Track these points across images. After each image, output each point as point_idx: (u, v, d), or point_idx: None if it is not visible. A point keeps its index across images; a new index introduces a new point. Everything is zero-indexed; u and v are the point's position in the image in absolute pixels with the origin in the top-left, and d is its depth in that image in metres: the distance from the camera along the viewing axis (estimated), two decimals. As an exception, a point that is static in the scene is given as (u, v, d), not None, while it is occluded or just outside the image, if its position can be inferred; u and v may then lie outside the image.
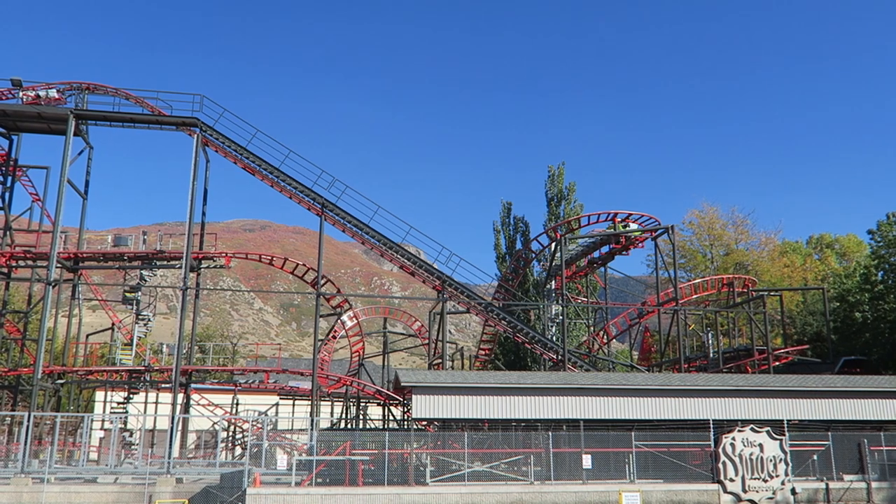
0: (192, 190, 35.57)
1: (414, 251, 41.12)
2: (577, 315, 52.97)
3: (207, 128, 36.69)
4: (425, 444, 28.96)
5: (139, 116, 37.07)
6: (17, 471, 28.95)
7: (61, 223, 35.14)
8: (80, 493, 27.49)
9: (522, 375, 31.88)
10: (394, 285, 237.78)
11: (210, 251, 40.73)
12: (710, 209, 67.00)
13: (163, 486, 27.86)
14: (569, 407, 28.31)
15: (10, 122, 37.92)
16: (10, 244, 40.34)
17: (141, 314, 38.50)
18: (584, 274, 49.73)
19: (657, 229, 42.43)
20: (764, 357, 41.63)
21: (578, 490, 26.48)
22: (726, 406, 29.10)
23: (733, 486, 27.34)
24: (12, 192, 39.97)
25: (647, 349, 53.50)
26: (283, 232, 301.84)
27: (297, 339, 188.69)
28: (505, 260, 60.09)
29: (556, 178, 61.19)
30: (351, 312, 46.93)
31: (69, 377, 40.74)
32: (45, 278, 34.65)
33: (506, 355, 56.78)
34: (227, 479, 27.73)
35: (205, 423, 48.50)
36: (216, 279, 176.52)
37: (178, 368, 33.99)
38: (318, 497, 24.92)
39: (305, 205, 37.37)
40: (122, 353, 38.95)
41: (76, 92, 37.44)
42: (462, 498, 25.75)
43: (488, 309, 39.57)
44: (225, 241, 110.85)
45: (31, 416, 30.35)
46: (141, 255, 38.36)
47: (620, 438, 27.98)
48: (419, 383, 27.84)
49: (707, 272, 60.90)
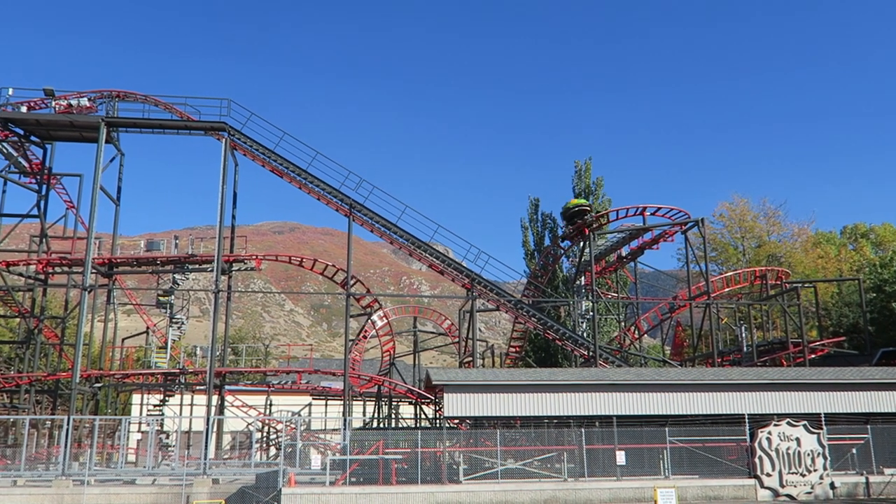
0: (221, 193, 35.95)
1: (442, 250, 41.16)
2: (607, 311, 52.61)
3: (235, 132, 37.05)
4: (458, 443, 28.98)
5: (168, 122, 37.56)
6: (58, 473, 29.51)
7: (95, 229, 35.72)
8: (120, 495, 27.95)
9: (553, 372, 31.75)
10: (423, 284, 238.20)
11: (241, 254, 41.18)
12: (741, 201, 66.09)
13: (200, 486, 28.22)
14: (601, 403, 28.14)
15: (43, 131, 38.66)
16: (47, 251, 41.13)
17: (174, 317, 39.00)
18: (613, 269, 49.36)
19: (687, 222, 41.96)
20: (799, 350, 41.00)
21: (612, 487, 26.30)
22: (761, 400, 28.72)
23: (770, 481, 26.97)
24: (47, 199, 40.72)
25: (680, 344, 52.96)
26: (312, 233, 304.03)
27: (328, 340, 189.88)
28: (533, 257, 59.85)
29: (584, 174, 60.77)
30: (381, 312, 47.08)
31: (106, 381, 41.42)
32: (81, 284, 35.27)
33: (536, 352, 56.57)
34: (263, 479, 28.01)
35: (239, 424, 49.05)
36: (247, 281, 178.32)
37: (212, 370, 34.39)
38: (352, 496, 25.05)
39: (333, 206, 37.57)
40: (157, 356, 39.51)
41: (106, 100, 38.04)
42: (496, 496, 25.72)
43: (518, 306, 39.46)
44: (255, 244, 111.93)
45: (70, 419, 30.93)
46: (173, 260, 38.89)
47: (654, 434, 27.76)
48: (450, 382, 27.86)
49: (739, 265, 60.05)
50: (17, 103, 37.29)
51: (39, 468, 34.21)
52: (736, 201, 66.23)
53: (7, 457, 34.99)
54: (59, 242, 44.14)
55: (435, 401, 38.43)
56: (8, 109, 36.84)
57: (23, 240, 49.29)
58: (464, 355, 43.42)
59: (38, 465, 35.54)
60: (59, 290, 48.99)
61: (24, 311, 41.05)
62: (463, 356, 43.67)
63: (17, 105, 37.27)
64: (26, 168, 40.08)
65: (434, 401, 38.73)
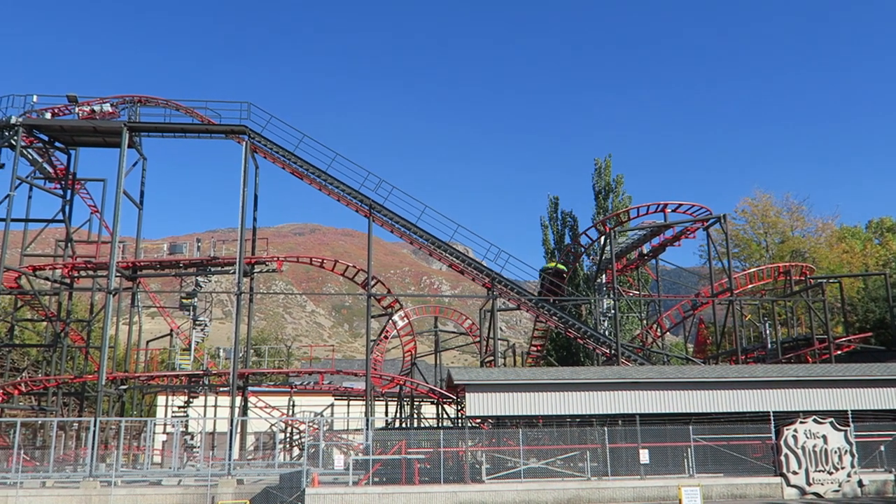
0: (242, 196, 36.21)
1: (462, 249, 41.09)
2: (629, 308, 52.30)
3: (256, 135, 37.30)
4: (480, 442, 28.97)
5: (189, 126, 37.89)
6: (86, 474, 29.90)
7: (119, 233, 36.16)
8: (146, 496, 28.27)
9: (576, 371, 31.65)
10: (443, 284, 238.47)
11: (262, 256, 41.45)
12: (764, 196, 65.39)
13: (224, 487, 28.46)
14: (624, 401, 28.02)
15: (67, 137, 39.15)
16: (72, 255, 41.66)
17: (198, 320, 39.35)
18: (634, 267, 49.07)
19: (709, 219, 41.62)
20: (825, 346, 40.51)
21: (636, 485, 26.18)
22: (787, 397, 28.44)
23: (797, 479, 26.70)
24: (72, 204, 41.22)
25: (703, 341, 52.53)
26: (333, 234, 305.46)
27: (349, 340, 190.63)
28: (554, 255, 59.66)
29: (603, 171, 60.46)
30: (402, 312, 47.16)
31: (132, 383, 41.91)
32: (106, 287, 35.68)
33: (558, 351, 56.39)
34: (287, 479, 28.20)
35: (263, 424, 49.37)
36: (269, 283, 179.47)
37: (236, 372, 34.66)
38: (375, 496, 25.14)
39: (353, 207, 37.70)
40: (181, 358, 39.89)
41: (129, 105, 38.44)
42: (519, 495, 25.70)
43: (539, 305, 39.37)
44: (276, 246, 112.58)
45: (97, 421, 31.33)
46: (196, 262, 39.22)
47: (678, 432, 27.58)
48: (472, 381, 27.87)
49: (762, 261, 59.46)
50: (41, 110, 37.81)
51: (67, 469, 34.67)
52: (758, 197, 65.57)
53: (36, 458, 35.54)
54: (84, 247, 44.67)
55: (457, 400, 38.43)
56: (33, 116, 37.36)
57: (49, 244, 49.94)
58: (485, 355, 43.38)
59: (66, 467, 36.03)
60: (84, 294, 49.56)
61: (50, 315, 41.62)
62: (484, 355, 43.64)
63: (42, 112, 37.79)
64: (51, 174, 40.60)
65: (456, 400, 38.74)
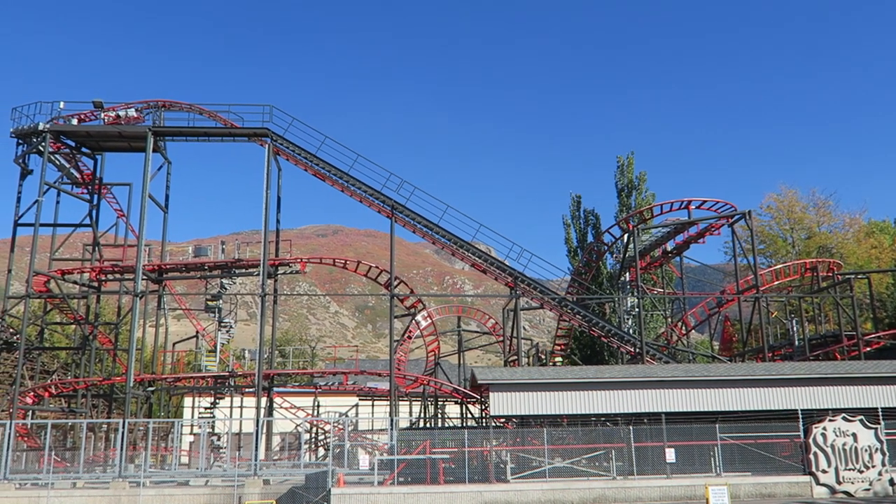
0: (265, 199, 36.48)
1: (485, 249, 41.06)
2: (653, 306, 51.92)
3: (278, 137, 37.55)
4: (504, 442, 28.95)
5: (213, 130, 38.23)
6: (115, 475, 30.29)
7: (145, 237, 36.59)
8: (174, 496, 28.59)
9: (600, 370, 31.49)
10: (466, 284, 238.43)
11: (286, 257, 41.69)
12: (789, 192, 64.59)
13: (251, 487, 28.69)
14: (649, 400, 27.83)
15: (93, 142, 39.68)
16: (99, 259, 42.19)
17: (223, 321, 39.68)
18: (658, 264, 48.72)
19: (733, 215, 41.21)
20: (854, 343, 39.95)
21: (663, 485, 25.99)
22: (815, 395, 28.06)
23: (826, 478, 26.35)
24: (99, 209, 41.78)
25: (729, 339, 52.01)
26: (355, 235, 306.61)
27: (372, 341, 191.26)
28: (577, 254, 59.41)
29: (626, 169, 60.07)
30: (425, 312, 47.23)
31: (159, 384, 42.35)
32: (133, 290, 36.11)
33: (582, 350, 56.14)
34: (312, 479, 28.36)
35: (288, 425, 49.69)
36: (292, 284, 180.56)
37: (261, 373, 34.93)
38: (400, 496, 25.19)
39: (375, 207, 37.82)
40: (206, 359, 40.26)
41: (153, 110, 38.87)
42: (544, 494, 25.62)
43: (562, 304, 39.22)
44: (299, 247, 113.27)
45: (125, 422, 31.70)
46: (220, 265, 39.56)
47: (704, 431, 27.33)
48: (496, 381, 27.83)
49: (788, 257, 58.74)
50: (67, 116, 38.33)
51: (97, 470, 35.15)
52: (784, 192, 64.80)
53: (66, 459, 36.05)
54: (111, 250, 45.23)
55: (481, 400, 38.42)
56: (59, 122, 37.91)
57: (76, 249, 50.63)
58: (508, 354, 43.32)
59: (96, 468, 36.52)
60: (111, 297, 50.23)
61: (79, 318, 42.19)
62: (508, 355, 43.57)
63: (68, 118, 38.31)
64: (78, 179, 41.16)
65: (480, 400, 38.73)
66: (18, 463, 35.84)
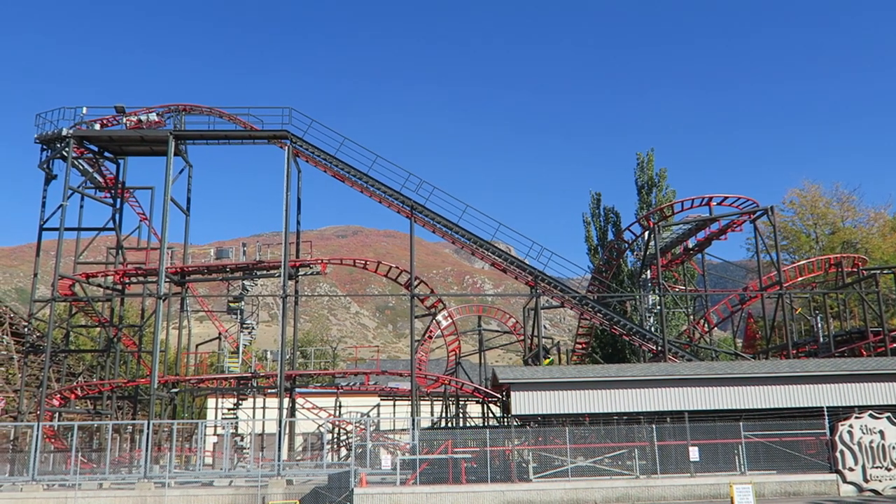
0: (286, 200, 36.68)
1: (504, 248, 40.95)
2: (675, 304, 51.53)
3: (297, 139, 37.72)
4: (526, 441, 28.88)
5: (233, 133, 38.51)
6: (141, 476, 30.62)
7: (167, 239, 36.91)
8: (199, 496, 28.83)
9: (622, 368, 31.34)
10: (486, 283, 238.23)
11: (306, 259, 41.89)
12: (812, 187, 63.84)
13: (274, 487, 28.87)
14: (672, 398, 27.66)
15: (116, 147, 40.12)
16: (123, 262, 42.64)
17: (245, 323, 39.93)
18: (680, 261, 48.37)
19: (755, 211, 40.82)
20: (880, 339, 39.40)
21: (686, 483, 25.81)
22: (841, 392, 27.73)
23: (853, 476, 26.02)
24: (122, 212, 42.19)
25: (752, 336, 51.56)
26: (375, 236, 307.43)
27: (393, 341, 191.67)
28: (597, 252, 59.13)
29: (646, 166, 59.70)
30: (445, 312, 47.25)
31: (182, 386, 42.73)
32: (156, 293, 36.46)
33: (603, 348, 55.88)
34: (335, 479, 28.48)
35: (310, 425, 49.94)
36: (313, 285, 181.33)
37: (283, 374, 35.11)
38: (423, 495, 25.23)
39: (395, 208, 37.88)
40: (229, 360, 40.52)
41: (174, 114, 39.22)
42: (566, 494, 25.54)
43: (583, 302, 39.06)
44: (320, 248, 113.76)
45: (150, 424, 32.03)
46: (242, 267, 39.82)
47: (728, 429, 27.11)
48: (517, 380, 27.80)
49: (812, 253, 58.06)
50: (90, 121, 38.79)
51: (123, 471, 35.56)
52: (807, 187, 64.07)
53: (93, 460, 36.50)
54: (134, 253, 45.70)
55: (502, 399, 38.35)
56: (83, 128, 38.36)
57: (100, 252, 51.21)
58: (529, 353, 43.24)
59: (122, 469, 36.95)
60: (135, 300, 50.75)
61: (103, 321, 42.68)
62: (528, 354, 43.50)
63: (91, 123, 38.77)
64: (101, 183, 41.63)
65: (501, 399, 38.66)
66: (46, 464, 36.33)
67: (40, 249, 40.38)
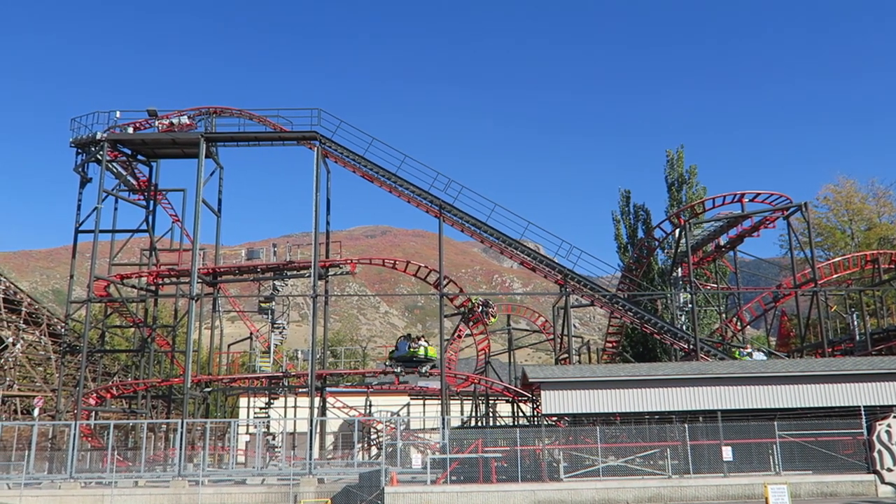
0: (315, 201, 36.93)
1: (533, 246, 40.82)
2: (706, 302, 50.97)
3: (326, 140, 37.95)
4: (557, 440, 28.78)
5: (263, 134, 38.86)
6: (175, 474, 31.04)
7: (199, 241, 37.35)
8: (232, 494, 29.16)
9: (653, 367, 31.08)
10: (514, 282, 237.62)
11: (336, 259, 42.13)
12: (847, 182, 62.64)
13: (306, 486, 29.09)
14: (704, 397, 27.36)
15: (149, 150, 40.71)
16: (156, 263, 43.26)
17: (276, 323, 40.27)
18: (711, 259, 47.82)
19: (789, 207, 40.23)
20: (919, 337, 38.60)
21: (720, 483, 25.53)
22: (878, 391, 27.22)
23: (892, 477, 25.55)
24: (155, 214, 42.81)
25: (786, 334, 50.75)
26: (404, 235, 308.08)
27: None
28: (627, 250, 58.69)
29: (676, 163, 59.11)
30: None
31: (215, 385, 43.24)
32: (188, 293, 36.94)
33: (634, 347, 55.44)
34: (366, 478, 28.61)
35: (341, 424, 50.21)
36: (343, 285, 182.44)
37: (314, 373, 35.36)
38: (453, 494, 25.26)
39: (423, 207, 37.95)
40: (261, 360, 40.91)
41: (205, 116, 39.68)
42: (598, 493, 25.41)
43: (613, 301, 38.80)
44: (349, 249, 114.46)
45: (183, 422, 32.46)
46: (272, 267, 40.16)
47: (762, 429, 26.77)
48: (547, 379, 27.70)
49: (847, 249, 57.01)
50: (124, 125, 39.37)
51: (157, 469, 36.09)
52: (841, 183, 62.89)
53: (128, 459, 37.10)
54: (167, 255, 46.28)
55: (532, 398, 38.25)
56: (116, 131, 38.96)
57: (134, 254, 51.99)
58: (559, 352, 43.04)
59: (156, 467, 37.50)
60: (168, 300, 51.41)
61: (138, 322, 43.33)
62: (558, 353, 43.29)
63: (124, 127, 39.34)
64: (135, 186, 42.24)
65: (531, 398, 38.57)
66: (83, 462, 37.00)
67: (76, 251, 41.12)
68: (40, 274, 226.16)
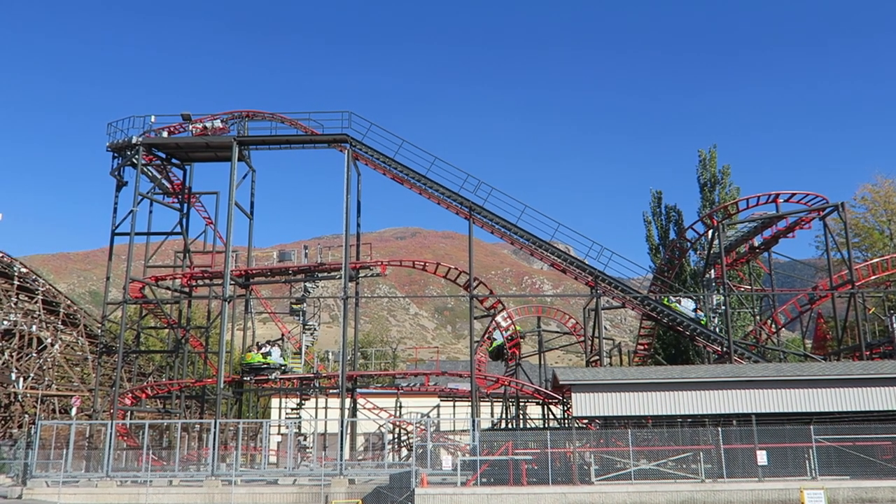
0: (346, 203, 37.14)
1: (563, 248, 40.62)
2: (740, 304, 50.27)
3: (357, 143, 38.16)
4: (588, 443, 28.57)
5: (294, 137, 39.20)
6: (208, 473, 31.43)
7: (232, 243, 37.79)
8: (264, 494, 29.45)
9: (686, 369, 30.73)
10: (545, 284, 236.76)
11: (366, 261, 42.34)
12: (885, 182, 61.26)
13: (337, 486, 29.27)
14: (738, 401, 26.98)
15: (183, 153, 41.29)
16: (190, 265, 43.86)
17: (307, 324, 40.58)
18: (745, 260, 47.13)
19: (825, 208, 39.51)
20: (960, 340, 37.62)
21: (754, 488, 25.14)
22: (919, 395, 26.57)
23: (933, 483, 24.93)
24: (188, 217, 43.42)
25: (822, 337, 49.79)
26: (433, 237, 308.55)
27: (452, 342, 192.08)
28: (658, 251, 58.12)
29: (708, 163, 58.39)
30: (504, 313, 47.00)
31: (247, 386, 43.68)
32: (221, 295, 37.38)
33: (666, 349, 54.86)
34: (396, 479, 28.69)
35: (371, 425, 50.42)
36: (373, 287, 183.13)
37: (344, 374, 35.55)
38: (484, 496, 25.21)
39: (453, 209, 37.97)
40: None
41: (237, 120, 40.16)
42: (630, 497, 25.17)
43: (645, 302, 38.46)
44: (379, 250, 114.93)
45: (217, 423, 32.86)
46: (304, 269, 40.50)
47: (797, 433, 26.31)
48: (578, 381, 27.53)
49: (886, 250, 55.79)
50: (158, 129, 40.03)
51: (191, 469, 36.54)
52: (880, 182, 61.50)
53: (163, 458, 37.63)
54: (200, 257, 46.88)
55: (563, 401, 38.04)
56: (151, 136, 39.61)
57: (168, 256, 52.78)
58: (590, 354, 42.73)
59: (190, 466, 37.97)
60: (201, 302, 52.06)
61: (172, 323, 43.95)
62: (589, 355, 42.98)
63: (159, 131, 40.00)
64: (169, 189, 42.88)
65: (562, 401, 38.35)
66: (119, 461, 37.59)
67: (112, 253, 41.86)
68: (78, 276, 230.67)
